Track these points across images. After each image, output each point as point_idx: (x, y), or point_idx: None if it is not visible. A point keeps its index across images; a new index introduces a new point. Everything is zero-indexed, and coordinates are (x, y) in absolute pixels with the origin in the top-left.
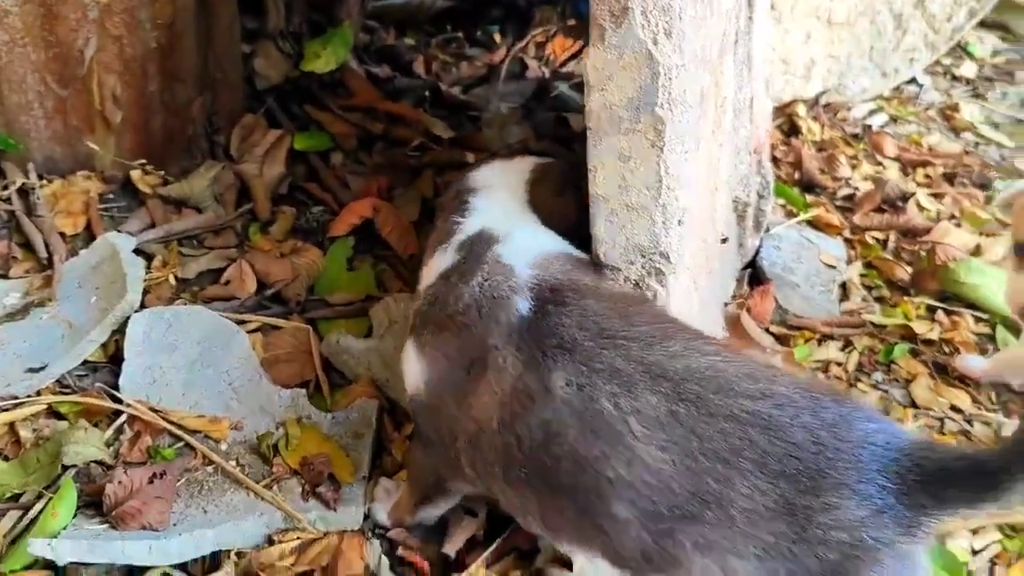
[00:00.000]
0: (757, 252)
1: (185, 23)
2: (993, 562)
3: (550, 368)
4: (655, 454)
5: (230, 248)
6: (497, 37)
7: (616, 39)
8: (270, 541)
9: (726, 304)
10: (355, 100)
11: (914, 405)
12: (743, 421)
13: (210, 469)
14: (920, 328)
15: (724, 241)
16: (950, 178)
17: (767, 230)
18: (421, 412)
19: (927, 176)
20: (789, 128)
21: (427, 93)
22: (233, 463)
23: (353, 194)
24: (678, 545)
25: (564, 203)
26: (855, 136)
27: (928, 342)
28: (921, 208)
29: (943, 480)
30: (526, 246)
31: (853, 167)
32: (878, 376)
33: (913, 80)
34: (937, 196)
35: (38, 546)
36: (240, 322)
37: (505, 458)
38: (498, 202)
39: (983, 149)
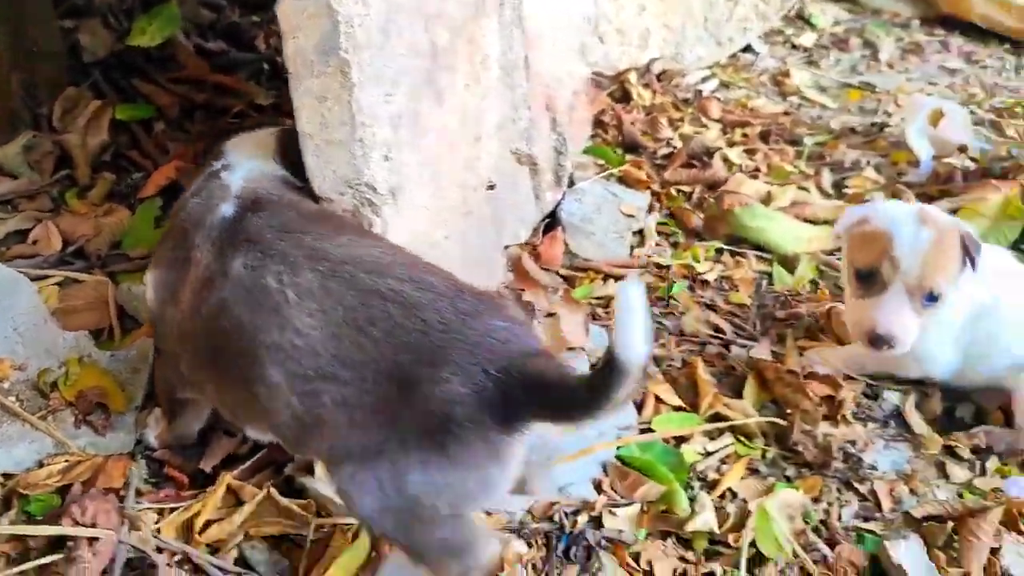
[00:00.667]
0: (559, 205)
1: None
2: (722, 462)
3: (232, 256)
4: (305, 320)
5: (44, 212)
6: None
7: None
8: (40, 465)
9: (507, 247)
10: (183, 73)
11: (682, 333)
12: (386, 297)
13: None
14: (701, 268)
15: (491, 187)
16: (765, 136)
17: (571, 184)
18: (156, 324)
19: (744, 135)
20: (621, 94)
21: (265, 66)
22: (13, 399)
23: (171, 160)
24: (321, 404)
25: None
26: (685, 101)
27: (704, 282)
28: (729, 163)
29: (538, 390)
30: (248, 170)
31: (676, 129)
32: (655, 310)
33: (749, 48)
34: (751, 152)
35: None
36: (42, 276)
37: (192, 342)
38: (245, 150)
39: (805, 111)
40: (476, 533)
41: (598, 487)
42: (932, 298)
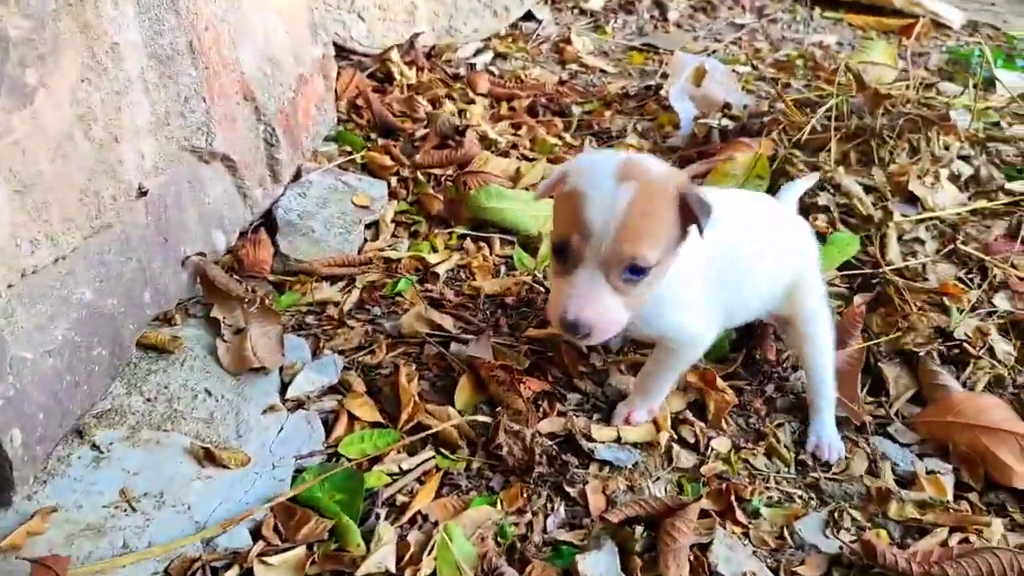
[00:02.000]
0: (276, 202)
1: None
2: (418, 481)
3: None
4: None
5: None
6: None
7: None
8: None
9: (187, 258)
10: None
11: (400, 335)
12: None
13: None
14: (432, 259)
15: (143, 193)
16: (532, 109)
17: (297, 177)
18: None
19: (511, 109)
20: (384, 75)
21: None
22: None
23: None
24: None
25: None
26: (455, 77)
27: (435, 274)
28: (487, 140)
29: None
30: None
31: (438, 107)
32: (377, 311)
33: (530, 16)
34: (516, 126)
35: None
36: None
37: None
38: None
39: (583, 77)
40: None
41: (256, 532)
42: (636, 271)
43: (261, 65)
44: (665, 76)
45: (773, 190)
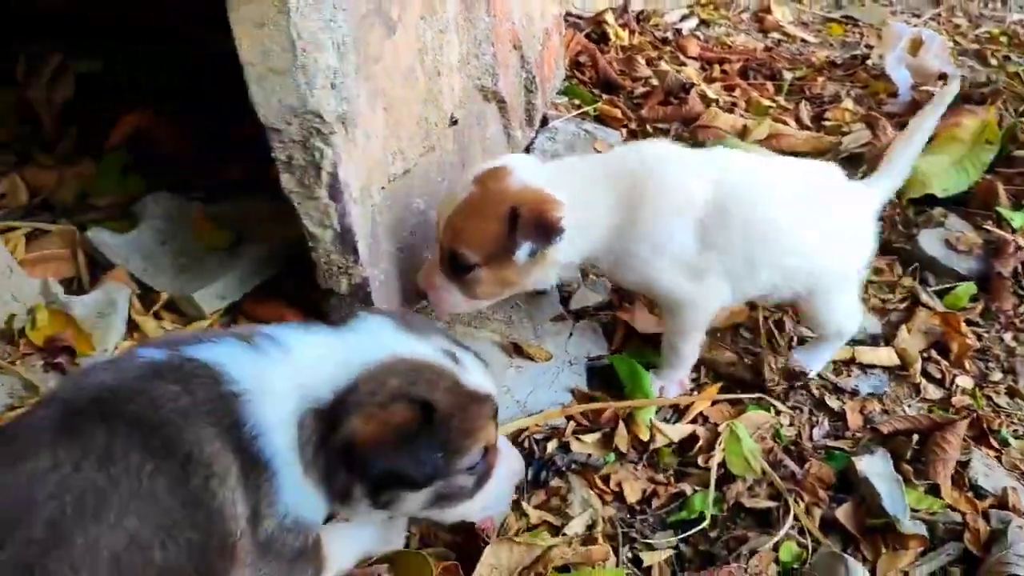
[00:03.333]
0: (532, 143)
1: None
2: (692, 391)
3: None
4: None
5: (9, 166)
6: None
7: None
8: (11, 408)
9: None
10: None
11: None
12: None
13: None
14: None
15: (454, 123)
16: (744, 72)
17: (545, 123)
18: None
19: (723, 72)
20: (599, 36)
21: None
22: None
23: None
24: None
25: None
26: (664, 40)
27: None
28: (706, 99)
29: None
30: None
31: (653, 68)
32: None
33: None
34: (729, 88)
35: None
36: (9, 228)
37: None
38: None
39: (785, 46)
40: None
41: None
42: (460, 265)
43: (522, 18)
44: (870, 47)
45: (1005, 158)
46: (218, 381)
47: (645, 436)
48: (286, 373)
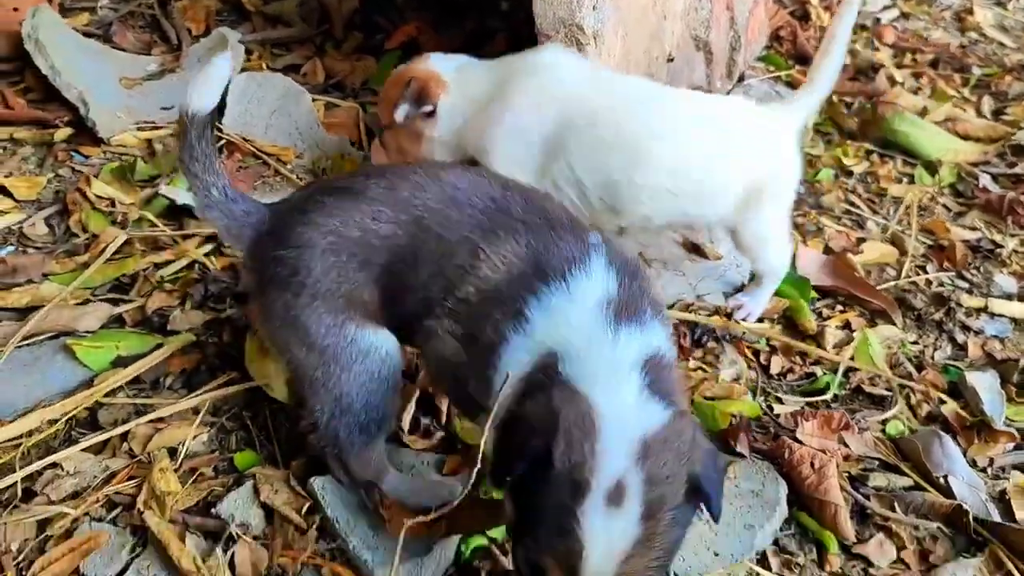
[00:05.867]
0: (728, 95)
1: None
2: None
3: None
4: None
5: (309, 53)
6: None
7: None
8: None
9: None
10: None
11: (819, 207)
12: None
13: (278, 178)
14: (849, 162)
15: (671, 60)
16: (935, 63)
17: (741, 79)
18: None
19: (914, 59)
20: (802, 14)
21: None
22: (294, 176)
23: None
24: None
25: None
26: (862, 27)
27: (850, 172)
28: (892, 81)
29: None
30: None
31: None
32: (800, 188)
33: None
34: (917, 75)
35: (165, 190)
36: (313, 99)
37: None
38: None
39: (981, 46)
40: None
41: (725, 298)
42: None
43: None
44: None
45: None
46: None
47: (812, 328)
48: None
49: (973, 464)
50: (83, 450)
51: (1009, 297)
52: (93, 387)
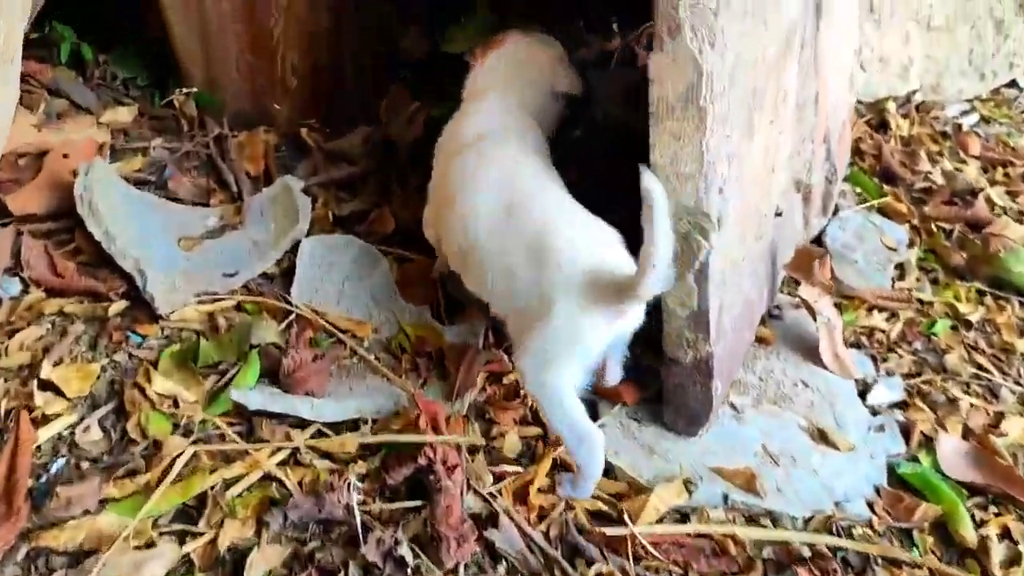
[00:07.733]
0: (823, 231)
1: (350, 12)
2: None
3: None
4: None
5: (375, 195)
6: (615, 27)
7: (671, 48)
8: (397, 413)
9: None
10: None
11: (944, 370)
12: None
13: (355, 359)
14: (964, 308)
15: (779, 215)
16: None
17: (835, 212)
18: None
19: (1006, 175)
20: (879, 123)
21: None
22: (372, 356)
23: None
24: None
25: None
26: (943, 134)
27: (968, 323)
28: (992, 204)
29: None
30: None
31: (934, 162)
32: (918, 345)
33: (1014, 83)
34: (1012, 194)
35: (235, 395)
36: (383, 252)
37: None
38: None
39: None
40: None
41: (870, 507)
42: None
43: (831, 108)
44: None
45: None
46: None
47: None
48: None
49: None
50: None
51: None
52: None
